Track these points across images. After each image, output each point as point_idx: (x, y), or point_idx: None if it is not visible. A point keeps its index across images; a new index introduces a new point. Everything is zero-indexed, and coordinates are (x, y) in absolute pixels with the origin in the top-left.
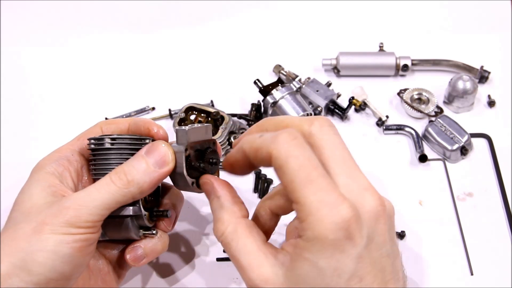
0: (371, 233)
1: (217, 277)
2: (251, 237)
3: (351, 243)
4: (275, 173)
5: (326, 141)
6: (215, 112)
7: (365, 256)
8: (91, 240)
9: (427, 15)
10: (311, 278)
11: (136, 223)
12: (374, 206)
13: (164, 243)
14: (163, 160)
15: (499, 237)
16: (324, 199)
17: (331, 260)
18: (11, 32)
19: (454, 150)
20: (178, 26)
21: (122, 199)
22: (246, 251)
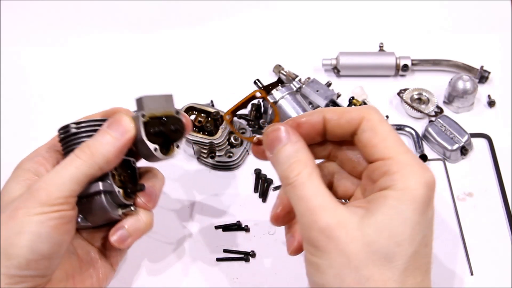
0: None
1: (217, 277)
2: (324, 185)
3: (430, 205)
4: (360, 136)
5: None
6: (215, 112)
7: (432, 224)
8: (66, 218)
9: (427, 15)
10: (394, 225)
11: (111, 200)
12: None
13: (147, 221)
14: (123, 128)
15: (499, 237)
16: (415, 160)
17: (416, 214)
18: (11, 32)
19: (454, 150)
20: (178, 26)
21: (89, 171)
22: (321, 193)
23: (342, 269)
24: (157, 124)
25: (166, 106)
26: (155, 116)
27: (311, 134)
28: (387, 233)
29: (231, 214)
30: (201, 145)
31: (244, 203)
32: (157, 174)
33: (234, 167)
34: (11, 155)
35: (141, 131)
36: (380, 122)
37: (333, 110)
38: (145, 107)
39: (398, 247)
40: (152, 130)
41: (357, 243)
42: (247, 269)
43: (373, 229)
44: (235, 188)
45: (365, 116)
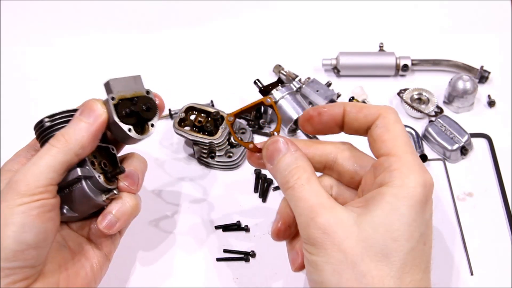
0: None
1: (217, 277)
2: (322, 188)
3: (427, 204)
4: (373, 131)
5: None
6: (215, 112)
7: (430, 223)
8: (48, 206)
9: (427, 15)
10: (390, 221)
11: (92, 186)
12: (432, 182)
13: (133, 204)
14: (95, 112)
15: (499, 237)
16: (417, 161)
17: (412, 211)
18: (11, 32)
19: (454, 150)
20: (178, 26)
21: (65, 158)
22: (320, 194)
23: (339, 265)
24: (128, 105)
25: (135, 87)
26: (125, 97)
27: (330, 123)
28: (383, 229)
29: (231, 214)
30: (201, 145)
31: (244, 203)
32: (138, 157)
33: (234, 167)
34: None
35: (113, 114)
36: (395, 122)
37: (353, 104)
38: (113, 90)
39: (395, 243)
40: (123, 112)
41: (354, 239)
42: (247, 269)
43: (370, 225)
44: (235, 188)
45: (382, 114)
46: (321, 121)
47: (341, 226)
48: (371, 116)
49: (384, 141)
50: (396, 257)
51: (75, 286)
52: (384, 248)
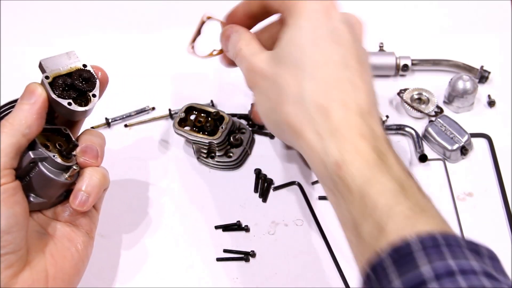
0: (346, 23)
1: (217, 277)
2: (259, 44)
3: (330, 18)
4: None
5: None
6: (215, 112)
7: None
8: (9, 190)
9: (427, 15)
10: (294, 39)
11: (50, 166)
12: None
13: (100, 176)
14: (34, 94)
15: (499, 237)
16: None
17: (311, 21)
18: (11, 32)
19: (454, 150)
20: (178, 26)
21: (12, 139)
22: (254, 48)
23: (266, 88)
24: (63, 80)
25: (70, 62)
26: (61, 74)
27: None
28: (290, 44)
29: (231, 214)
30: (201, 145)
31: (244, 203)
32: (92, 132)
33: (234, 167)
34: None
35: (49, 91)
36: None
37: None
38: (46, 69)
39: (293, 55)
40: (59, 88)
41: (270, 62)
42: (247, 269)
43: (280, 49)
44: (235, 188)
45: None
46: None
47: (258, 60)
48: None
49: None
50: (302, 64)
51: (63, 269)
52: (289, 60)
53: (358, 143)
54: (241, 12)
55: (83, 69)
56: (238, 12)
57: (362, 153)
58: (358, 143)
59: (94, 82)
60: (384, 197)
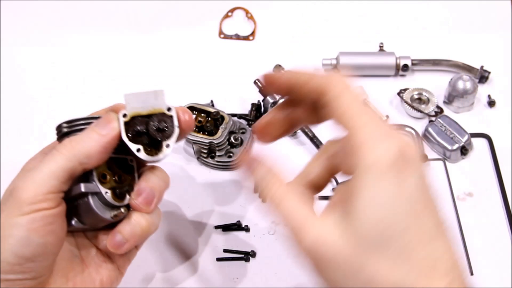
0: (419, 168)
1: (217, 277)
2: (302, 201)
3: (407, 172)
4: (328, 106)
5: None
6: (215, 112)
7: (420, 188)
8: (48, 218)
9: (427, 15)
10: (371, 211)
11: (100, 202)
12: (405, 144)
13: (144, 225)
14: (108, 126)
15: (499, 237)
16: (378, 129)
17: (388, 190)
18: (11, 32)
19: (454, 150)
20: (178, 26)
21: (68, 164)
22: (298, 212)
23: (344, 280)
24: (139, 123)
25: (154, 103)
26: (140, 115)
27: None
28: (368, 224)
29: (231, 214)
30: (201, 145)
31: (244, 203)
32: (158, 173)
33: (234, 167)
34: (11, 154)
35: (122, 131)
36: (343, 90)
37: (298, 72)
38: (127, 105)
39: (385, 233)
40: (134, 128)
41: (344, 251)
42: (247, 269)
43: (352, 229)
44: (235, 188)
45: (328, 84)
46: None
47: (326, 246)
48: (320, 89)
49: (340, 115)
50: (393, 245)
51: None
52: (379, 243)
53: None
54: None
55: (165, 113)
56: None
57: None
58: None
59: (172, 131)
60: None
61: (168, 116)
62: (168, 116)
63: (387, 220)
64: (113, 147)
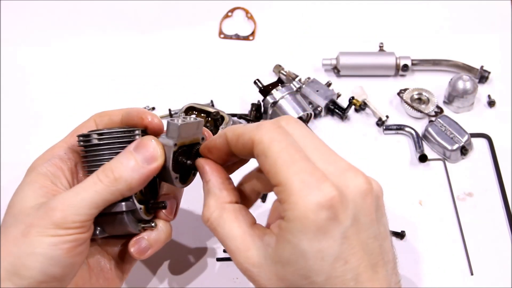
0: (357, 213)
1: (217, 277)
2: (236, 222)
3: (335, 223)
4: (257, 160)
5: (296, 134)
6: (215, 112)
7: (351, 237)
8: (80, 241)
9: (427, 15)
10: (294, 261)
11: (132, 217)
12: (358, 184)
13: (167, 232)
14: (151, 155)
15: (499, 237)
16: (306, 179)
17: (313, 242)
18: (11, 32)
19: (454, 150)
20: (178, 26)
21: (110, 197)
22: (232, 236)
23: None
24: (184, 154)
25: (195, 133)
26: (185, 144)
27: (222, 156)
28: (292, 269)
29: None
30: None
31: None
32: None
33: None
34: (11, 154)
35: (169, 161)
36: (271, 142)
37: (233, 131)
38: (178, 135)
39: (307, 280)
40: (180, 160)
41: (273, 281)
42: None
43: (280, 265)
44: None
45: (255, 139)
46: (213, 157)
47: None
48: (248, 145)
49: (267, 171)
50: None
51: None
52: (300, 287)
53: None
54: (220, 144)
55: (200, 143)
56: (216, 145)
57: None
58: None
59: None
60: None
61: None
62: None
63: (307, 271)
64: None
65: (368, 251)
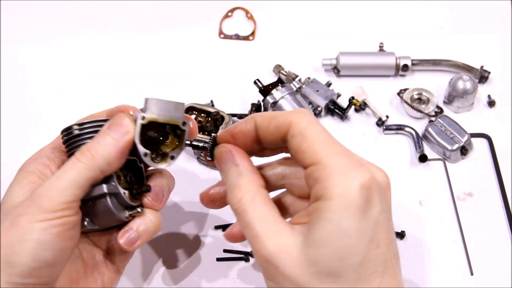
0: (383, 202)
1: (217, 277)
2: (269, 206)
3: (372, 205)
4: (291, 142)
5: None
6: (215, 112)
7: (381, 223)
8: (69, 224)
9: (427, 15)
10: (333, 240)
11: (117, 202)
12: (382, 176)
13: (155, 222)
14: (123, 129)
15: (499, 237)
16: (346, 161)
17: (354, 220)
18: (11, 32)
19: (454, 150)
20: (178, 26)
21: (90, 174)
22: (263, 218)
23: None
24: (155, 130)
25: (173, 114)
26: (157, 121)
27: (247, 143)
28: (327, 250)
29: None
30: None
31: None
32: (165, 174)
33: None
34: (11, 154)
35: (137, 133)
36: (309, 124)
37: (263, 115)
38: (147, 110)
39: (342, 261)
40: (146, 135)
41: (302, 267)
42: (247, 269)
43: (314, 248)
44: None
45: (293, 121)
46: (237, 143)
47: (288, 256)
48: (283, 127)
49: (304, 150)
50: (347, 274)
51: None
52: (333, 269)
53: None
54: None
55: (180, 127)
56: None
57: None
58: None
59: (178, 145)
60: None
61: (181, 130)
62: (181, 130)
63: (345, 251)
64: (130, 150)
65: (391, 240)
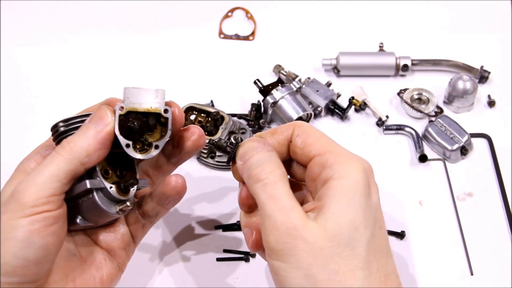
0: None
1: (217, 277)
2: (290, 191)
3: (371, 189)
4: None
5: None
6: (215, 112)
7: (379, 208)
8: (50, 219)
9: (427, 15)
10: (348, 211)
11: (104, 198)
12: (370, 166)
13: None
14: (103, 121)
15: (499, 237)
16: (349, 152)
17: (363, 197)
18: (11, 32)
19: (454, 150)
20: (178, 26)
21: (69, 166)
22: (290, 194)
23: (310, 269)
24: (138, 119)
25: (153, 102)
26: (137, 111)
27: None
28: (344, 221)
29: (231, 214)
30: None
31: None
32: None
33: None
34: (10, 155)
35: (116, 125)
36: (310, 127)
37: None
38: (125, 99)
39: (357, 232)
40: (127, 123)
41: (322, 240)
42: (247, 269)
43: (332, 221)
44: (235, 188)
45: (296, 124)
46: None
47: (309, 229)
48: (288, 130)
49: (310, 144)
50: (361, 246)
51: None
52: (349, 241)
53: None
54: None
55: (162, 115)
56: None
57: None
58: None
59: (164, 134)
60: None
61: (164, 118)
62: (164, 118)
63: (358, 223)
64: (111, 142)
65: (385, 229)
